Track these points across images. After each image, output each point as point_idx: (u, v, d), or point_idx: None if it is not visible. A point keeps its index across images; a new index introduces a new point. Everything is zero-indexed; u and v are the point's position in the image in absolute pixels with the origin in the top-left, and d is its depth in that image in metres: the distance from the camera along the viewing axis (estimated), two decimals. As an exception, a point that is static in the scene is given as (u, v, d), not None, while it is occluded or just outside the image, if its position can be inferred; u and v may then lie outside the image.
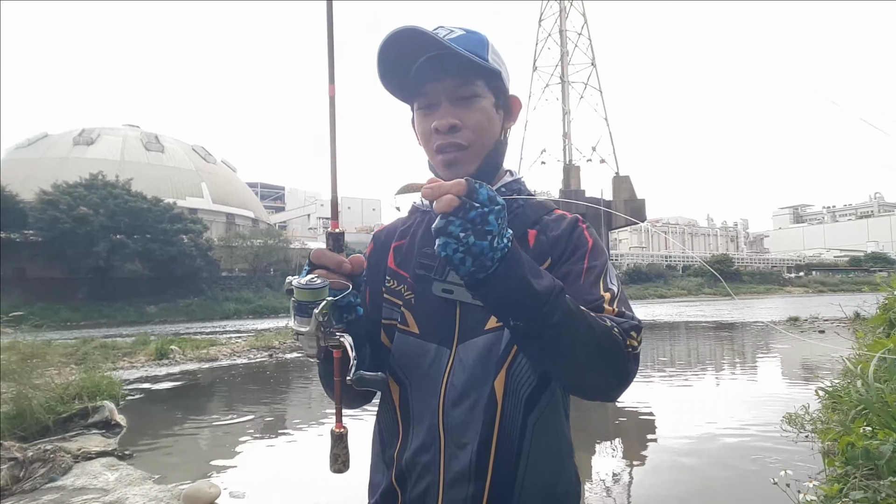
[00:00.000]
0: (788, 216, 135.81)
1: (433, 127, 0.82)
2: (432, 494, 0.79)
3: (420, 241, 0.89)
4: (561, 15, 26.45)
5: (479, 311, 0.81)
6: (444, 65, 0.81)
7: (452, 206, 0.62)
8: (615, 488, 3.49)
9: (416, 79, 0.83)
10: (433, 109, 0.83)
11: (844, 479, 2.13)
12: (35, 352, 5.60)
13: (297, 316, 0.67)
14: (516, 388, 0.80)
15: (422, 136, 0.86)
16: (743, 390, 6.76)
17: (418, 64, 0.82)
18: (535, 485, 0.80)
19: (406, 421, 0.83)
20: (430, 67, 0.81)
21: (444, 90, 0.82)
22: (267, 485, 3.74)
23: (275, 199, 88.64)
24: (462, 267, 0.64)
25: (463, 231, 0.62)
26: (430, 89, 0.83)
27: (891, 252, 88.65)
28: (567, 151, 25.38)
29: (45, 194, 30.66)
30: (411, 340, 0.83)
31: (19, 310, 8.47)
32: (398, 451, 0.83)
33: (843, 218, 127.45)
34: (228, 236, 43.75)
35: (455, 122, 0.82)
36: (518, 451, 0.79)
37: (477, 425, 0.78)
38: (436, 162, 0.85)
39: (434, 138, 0.83)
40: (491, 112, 0.85)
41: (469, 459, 0.77)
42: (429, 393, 0.81)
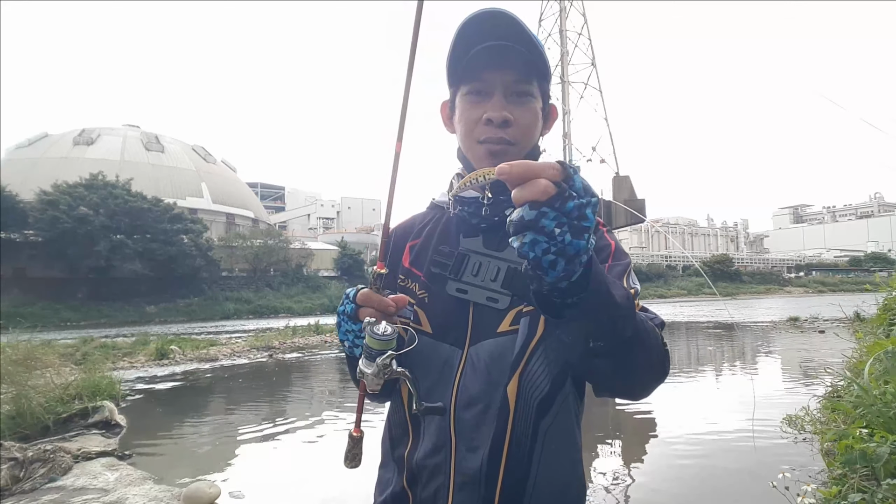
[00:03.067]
0: (788, 216, 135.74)
1: (486, 117, 0.79)
2: (442, 497, 0.79)
3: (437, 239, 0.88)
4: (561, 15, 26.44)
5: (492, 313, 0.80)
6: (509, 56, 0.78)
7: (549, 193, 0.50)
8: (615, 488, 3.49)
9: (473, 63, 0.79)
10: (485, 98, 0.80)
11: (843, 481, 2.13)
12: (31, 353, 5.60)
13: (366, 358, 0.71)
14: (529, 393, 0.78)
15: (465, 123, 0.82)
16: (742, 390, 6.76)
17: (479, 48, 0.78)
18: (545, 491, 0.79)
19: (416, 421, 0.83)
20: (495, 55, 0.78)
21: (501, 82, 0.80)
22: (267, 485, 3.74)
23: (275, 199, 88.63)
24: (552, 272, 0.53)
25: (558, 226, 0.51)
26: (487, 77, 0.80)
27: (891, 252, 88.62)
28: (567, 151, 25.38)
29: (45, 194, 30.66)
30: (424, 340, 0.81)
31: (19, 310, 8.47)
32: (408, 452, 0.83)
33: (843, 218, 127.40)
34: (228, 236, 43.75)
35: (509, 117, 0.79)
36: (529, 457, 0.78)
37: (489, 429, 0.77)
38: (477, 152, 0.82)
39: (481, 129, 0.80)
40: (539, 114, 0.84)
41: (480, 463, 0.77)
42: (441, 395, 0.80)
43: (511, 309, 0.80)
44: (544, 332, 0.79)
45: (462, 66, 0.80)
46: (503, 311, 0.80)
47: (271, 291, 39.00)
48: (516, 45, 0.77)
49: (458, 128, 0.85)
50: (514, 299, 0.79)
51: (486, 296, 0.80)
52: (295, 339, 13.77)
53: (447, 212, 0.90)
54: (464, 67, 0.80)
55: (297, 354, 11.69)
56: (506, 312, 0.80)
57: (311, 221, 75.29)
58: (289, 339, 13.64)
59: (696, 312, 25.99)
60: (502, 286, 0.79)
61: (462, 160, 0.87)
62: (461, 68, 0.81)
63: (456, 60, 0.80)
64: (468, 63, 0.79)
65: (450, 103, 0.87)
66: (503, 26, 0.76)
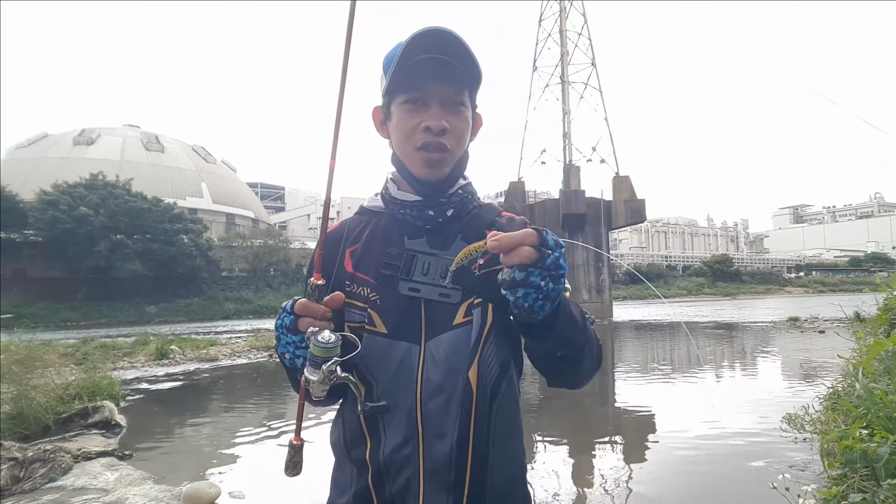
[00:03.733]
0: (788, 216, 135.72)
1: (425, 125, 0.84)
2: (413, 487, 0.82)
3: (380, 243, 0.91)
4: (561, 15, 26.41)
5: (445, 308, 0.86)
6: (448, 71, 0.83)
7: (532, 257, 0.64)
8: (614, 488, 3.49)
9: (414, 74, 0.83)
10: (423, 107, 0.85)
11: (843, 481, 2.13)
12: (31, 353, 5.60)
13: (310, 365, 0.74)
14: (485, 377, 0.85)
15: (403, 129, 0.87)
16: (742, 390, 6.76)
17: (419, 59, 0.82)
18: (502, 466, 0.87)
19: (373, 422, 0.84)
20: (434, 68, 0.82)
21: (439, 93, 0.85)
22: (267, 485, 3.74)
23: (275, 199, 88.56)
24: (541, 313, 0.69)
25: (543, 280, 0.65)
26: (427, 88, 0.84)
27: (891, 252, 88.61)
28: (567, 151, 25.36)
29: (45, 194, 30.66)
30: (379, 340, 0.85)
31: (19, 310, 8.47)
32: (370, 452, 0.84)
33: (843, 218, 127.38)
34: (228, 236, 43.74)
35: (447, 126, 0.84)
36: (488, 436, 0.84)
37: (454, 415, 0.82)
38: (415, 158, 0.87)
39: (420, 136, 0.85)
40: (469, 122, 0.90)
41: (449, 448, 0.81)
42: (402, 390, 0.83)
43: (463, 302, 0.86)
44: (493, 321, 0.86)
45: (404, 77, 0.84)
46: (456, 305, 0.86)
47: (271, 291, 38.98)
48: (455, 60, 0.83)
49: (394, 134, 0.89)
50: (465, 293, 0.86)
51: (439, 292, 0.86)
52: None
53: (382, 215, 0.93)
54: (406, 78, 0.83)
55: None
56: (458, 306, 0.86)
57: (311, 221, 75.23)
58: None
59: (696, 312, 25.99)
60: (452, 282, 0.82)
61: (396, 164, 0.91)
62: (403, 78, 0.84)
63: (398, 71, 0.84)
64: (409, 74, 0.83)
65: (384, 110, 0.91)
66: (444, 43, 0.82)
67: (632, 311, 29.17)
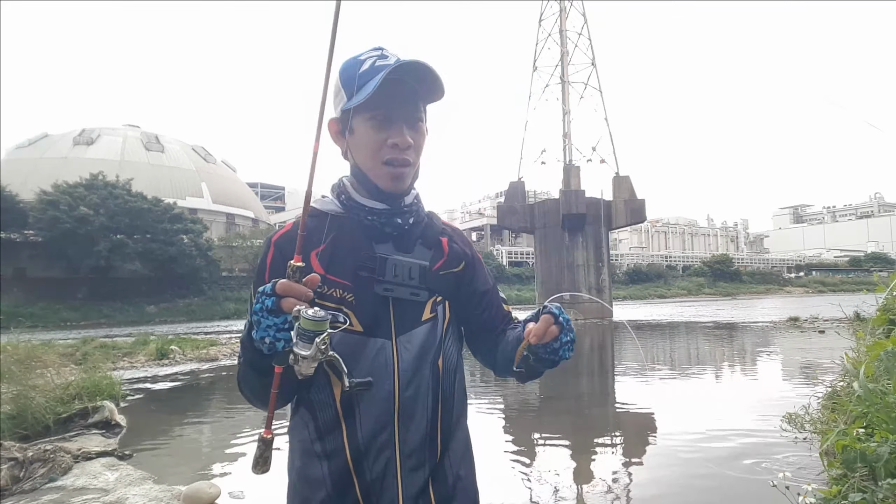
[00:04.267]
0: (788, 216, 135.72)
1: (392, 142, 0.91)
2: (391, 469, 0.91)
3: (349, 247, 0.95)
4: (561, 15, 26.37)
5: (413, 305, 0.95)
6: (412, 90, 0.91)
7: (559, 330, 0.87)
8: (614, 488, 3.49)
9: (382, 93, 0.87)
10: (387, 124, 0.91)
11: (843, 481, 2.13)
12: (31, 353, 5.59)
13: (301, 341, 0.75)
14: (448, 363, 0.99)
15: (369, 146, 0.93)
16: (742, 390, 6.76)
17: (381, 79, 0.86)
18: (459, 438, 1.02)
19: (349, 411, 0.90)
20: (400, 89, 0.89)
21: (402, 112, 0.92)
22: (267, 485, 3.74)
23: (275, 199, 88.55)
24: (570, 353, 0.91)
25: (567, 335, 0.89)
26: (391, 106, 0.90)
27: (891, 252, 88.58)
28: (567, 151, 25.35)
29: (45, 194, 30.66)
30: (355, 338, 0.91)
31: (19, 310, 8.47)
32: (348, 437, 0.90)
33: (843, 218, 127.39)
34: (228, 236, 43.77)
35: (411, 142, 0.92)
36: (451, 413, 0.99)
37: (425, 400, 0.94)
38: (382, 172, 0.93)
39: (386, 151, 0.92)
40: (426, 134, 0.98)
41: (424, 430, 0.93)
42: (378, 382, 0.89)
43: (428, 300, 0.97)
44: (450, 315, 1.01)
45: (373, 95, 0.87)
46: (423, 303, 0.97)
47: (271, 291, 38.94)
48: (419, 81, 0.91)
49: (358, 148, 0.95)
50: (430, 292, 0.97)
51: (410, 292, 0.95)
52: (295, 339, 13.74)
53: (342, 220, 0.96)
54: (374, 96, 0.87)
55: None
56: (425, 303, 0.97)
57: (311, 221, 75.14)
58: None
59: (696, 312, 25.99)
60: (419, 282, 0.96)
61: (357, 175, 0.97)
62: (372, 97, 0.87)
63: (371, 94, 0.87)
64: (378, 93, 0.87)
65: (341, 124, 0.95)
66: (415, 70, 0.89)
67: (632, 311, 29.18)
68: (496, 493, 3.44)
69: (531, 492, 3.52)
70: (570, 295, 5.40)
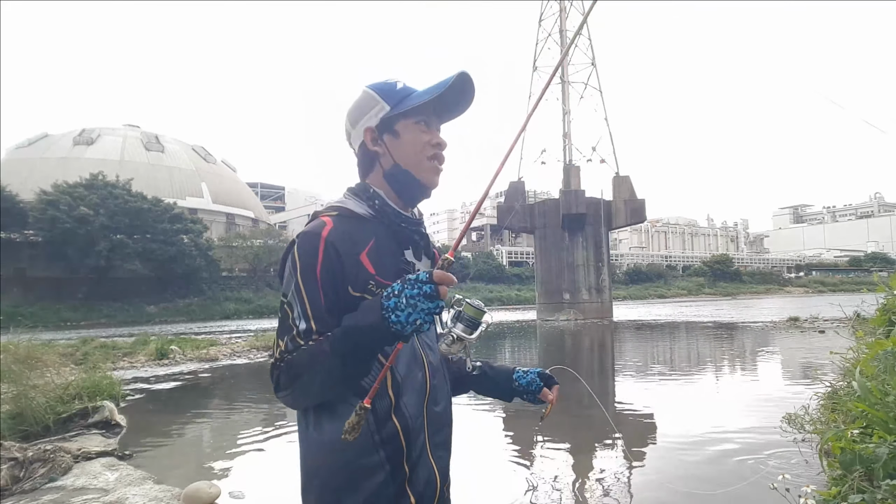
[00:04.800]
0: (788, 216, 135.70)
1: (436, 141, 1.06)
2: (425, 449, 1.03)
3: (388, 250, 1.03)
4: (561, 15, 26.34)
5: None
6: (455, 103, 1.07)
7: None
8: (613, 488, 3.49)
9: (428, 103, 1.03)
10: (431, 127, 1.07)
11: (843, 482, 2.13)
12: (31, 353, 5.60)
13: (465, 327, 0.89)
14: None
15: (415, 144, 1.05)
16: (742, 390, 6.76)
17: (451, 82, 1.00)
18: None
19: (398, 399, 1.00)
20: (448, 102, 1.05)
21: (438, 120, 1.08)
22: (267, 485, 3.75)
23: (275, 199, 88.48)
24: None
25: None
26: (432, 114, 1.07)
27: (891, 252, 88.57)
28: (567, 151, 25.34)
29: (45, 194, 30.67)
30: None
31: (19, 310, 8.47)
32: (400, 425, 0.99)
33: (843, 218, 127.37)
34: (228, 236, 43.78)
35: (446, 145, 1.08)
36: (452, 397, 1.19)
37: (444, 387, 1.12)
38: (427, 166, 1.06)
39: (430, 149, 1.06)
40: None
41: (444, 413, 1.09)
42: (416, 372, 1.03)
43: None
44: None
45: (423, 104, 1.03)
46: None
47: (271, 291, 38.99)
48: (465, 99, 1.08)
49: (402, 147, 1.05)
50: None
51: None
52: (295, 339, 13.73)
53: (376, 224, 1.04)
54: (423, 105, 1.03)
55: (297, 354, 11.67)
56: None
57: (311, 221, 75.07)
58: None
59: (696, 312, 26.00)
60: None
61: (400, 174, 1.06)
62: (427, 105, 1.03)
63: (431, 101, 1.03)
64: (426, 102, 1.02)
65: (379, 130, 1.06)
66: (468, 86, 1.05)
67: (632, 311, 29.18)
68: (496, 493, 3.44)
69: (531, 492, 3.51)
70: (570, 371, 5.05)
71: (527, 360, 10.76)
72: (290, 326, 0.93)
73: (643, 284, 61.75)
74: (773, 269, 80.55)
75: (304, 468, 1.01)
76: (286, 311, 0.95)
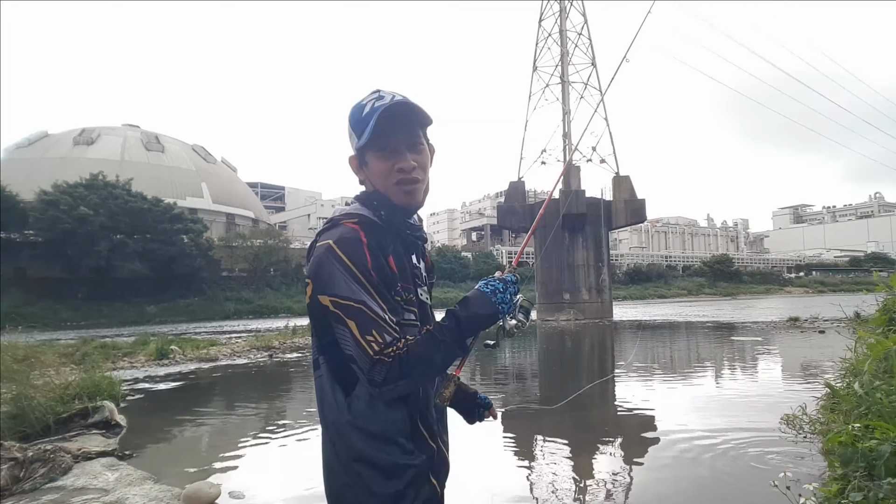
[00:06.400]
0: (788, 216, 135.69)
1: (398, 167, 1.09)
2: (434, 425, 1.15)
3: (402, 255, 1.12)
4: (561, 15, 26.32)
5: (425, 305, 1.18)
6: (405, 121, 1.09)
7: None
8: (613, 489, 3.49)
9: (382, 129, 1.05)
10: (392, 154, 1.09)
11: (844, 480, 2.13)
12: (29, 353, 5.60)
13: (524, 315, 1.12)
14: None
15: (381, 172, 1.10)
16: (742, 390, 6.76)
17: (374, 124, 1.05)
18: None
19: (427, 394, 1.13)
20: (397, 122, 1.07)
21: (403, 140, 1.10)
22: (267, 485, 3.74)
23: (275, 199, 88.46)
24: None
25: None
26: (392, 138, 1.08)
27: (891, 252, 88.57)
28: (567, 151, 25.31)
29: (45, 194, 30.66)
30: (415, 330, 1.09)
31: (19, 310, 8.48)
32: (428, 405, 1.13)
33: (843, 218, 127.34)
34: (228, 236, 43.76)
35: (414, 164, 1.10)
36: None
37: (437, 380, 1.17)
38: (395, 191, 1.11)
39: (395, 175, 1.09)
40: (429, 154, 1.16)
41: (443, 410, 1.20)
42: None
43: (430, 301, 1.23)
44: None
45: (376, 133, 1.06)
46: (428, 304, 1.21)
47: (271, 291, 38.99)
48: (410, 115, 1.09)
49: (373, 176, 1.12)
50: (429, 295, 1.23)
51: (426, 296, 1.19)
52: (295, 339, 13.74)
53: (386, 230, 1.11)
54: (377, 133, 1.06)
55: (297, 354, 11.69)
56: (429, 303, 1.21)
57: (311, 221, 75.17)
58: (289, 339, 13.62)
59: (696, 312, 25.99)
60: (428, 289, 1.22)
61: (377, 197, 1.12)
62: (375, 135, 1.06)
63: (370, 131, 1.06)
64: (379, 130, 1.06)
65: (358, 160, 1.14)
66: (401, 107, 1.08)
67: (632, 311, 29.18)
68: (496, 493, 3.43)
69: (531, 492, 3.51)
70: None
71: (527, 360, 10.76)
72: (375, 320, 0.97)
73: (643, 284, 61.71)
74: (773, 270, 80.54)
75: (340, 456, 1.06)
76: (358, 309, 0.98)
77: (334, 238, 1.03)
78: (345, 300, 0.98)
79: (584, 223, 23.62)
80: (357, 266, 1.00)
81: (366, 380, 0.96)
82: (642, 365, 9.41)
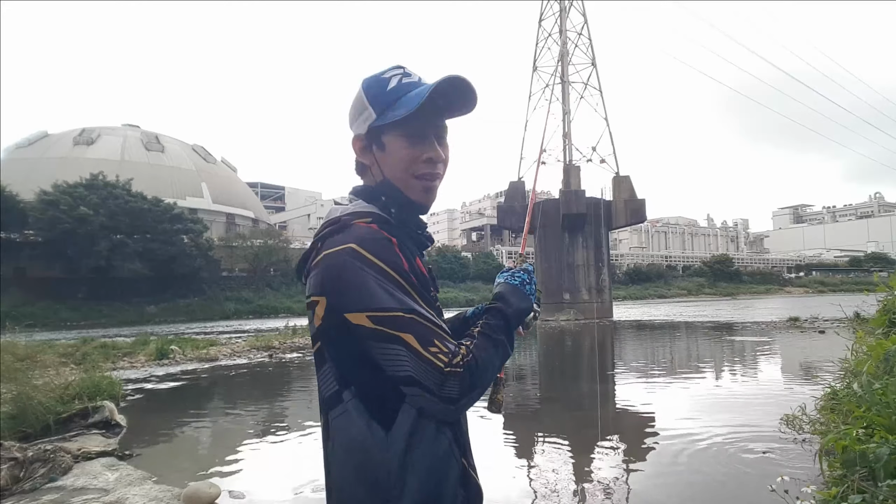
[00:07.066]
0: (788, 216, 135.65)
1: (427, 157, 0.93)
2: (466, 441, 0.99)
3: (416, 253, 1.01)
4: (561, 15, 26.34)
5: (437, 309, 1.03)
6: (439, 106, 0.92)
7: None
8: (613, 489, 3.49)
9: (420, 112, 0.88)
10: (421, 140, 0.93)
11: (842, 482, 2.13)
12: (29, 353, 5.60)
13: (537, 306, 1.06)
14: None
15: (402, 160, 0.93)
16: (742, 390, 6.76)
17: (427, 93, 0.87)
18: None
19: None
20: (431, 106, 0.89)
21: (434, 127, 0.94)
22: (267, 485, 3.75)
23: (275, 199, 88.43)
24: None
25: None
26: (424, 122, 0.92)
27: (891, 252, 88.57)
28: (567, 151, 25.34)
29: (45, 194, 30.64)
30: None
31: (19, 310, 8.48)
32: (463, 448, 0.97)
33: (843, 218, 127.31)
34: (228, 236, 43.74)
35: (444, 157, 0.96)
36: None
37: None
38: (414, 185, 0.95)
39: (420, 166, 0.94)
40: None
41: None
42: None
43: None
44: None
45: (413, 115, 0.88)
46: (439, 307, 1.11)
47: (271, 291, 38.98)
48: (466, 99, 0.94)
49: (388, 162, 0.94)
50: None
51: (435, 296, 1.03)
52: (295, 339, 13.74)
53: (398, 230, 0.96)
54: (413, 115, 0.88)
55: (297, 354, 11.69)
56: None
57: (311, 221, 75.15)
58: (289, 340, 13.62)
59: (696, 312, 25.99)
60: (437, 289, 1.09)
61: (386, 191, 0.96)
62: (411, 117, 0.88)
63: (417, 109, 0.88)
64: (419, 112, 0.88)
65: (366, 140, 0.96)
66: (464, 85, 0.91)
67: (632, 311, 29.17)
68: (496, 493, 3.44)
69: (530, 492, 3.51)
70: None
71: (526, 360, 10.75)
72: (432, 329, 0.82)
73: (643, 284, 61.69)
74: (773, 270, 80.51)
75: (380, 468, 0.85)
76: (411, 320, 0.81)
77: (354, 240, 0.85)
78: (391, 312, 0.80)
79: (584, 223, 23.61)
80: (395, 269, 0.84)
81: (437, 399, 0.80)
82: (642, 365, 9.41)
